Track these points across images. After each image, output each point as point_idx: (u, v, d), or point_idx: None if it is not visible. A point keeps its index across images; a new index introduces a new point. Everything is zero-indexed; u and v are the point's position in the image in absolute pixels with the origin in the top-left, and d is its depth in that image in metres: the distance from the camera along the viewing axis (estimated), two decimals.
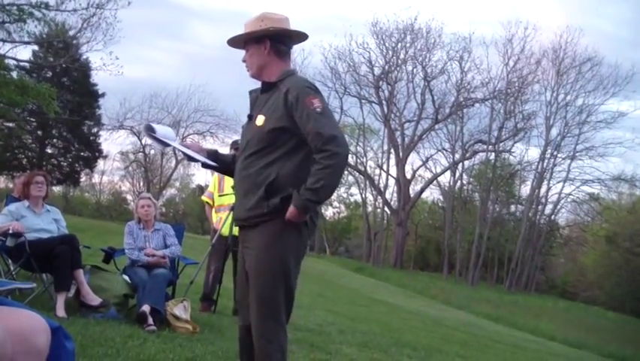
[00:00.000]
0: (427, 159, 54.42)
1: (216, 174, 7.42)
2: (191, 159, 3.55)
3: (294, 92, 3.19)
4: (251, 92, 3.53)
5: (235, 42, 3.47)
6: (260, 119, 3.28)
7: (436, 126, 51.48)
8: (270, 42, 3.34)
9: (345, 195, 70.02)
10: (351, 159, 55.58)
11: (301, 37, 3.54)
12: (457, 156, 51.33)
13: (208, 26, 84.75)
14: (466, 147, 51.51)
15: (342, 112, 53.70)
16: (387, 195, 54.51)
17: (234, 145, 7.29)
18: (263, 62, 3.37)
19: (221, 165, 3.63)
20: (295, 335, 6.52)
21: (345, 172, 62.64)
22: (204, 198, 7.91)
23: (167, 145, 3.61)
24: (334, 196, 68.29)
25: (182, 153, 3.60)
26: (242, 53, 3.47)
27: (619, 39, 74.39)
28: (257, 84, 3.51)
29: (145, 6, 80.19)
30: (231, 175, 3.54)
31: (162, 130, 3.66)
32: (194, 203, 62.57)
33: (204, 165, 3.58)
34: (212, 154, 3.62)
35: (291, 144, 3.22)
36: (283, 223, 3.15)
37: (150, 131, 3.54)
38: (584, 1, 77.50)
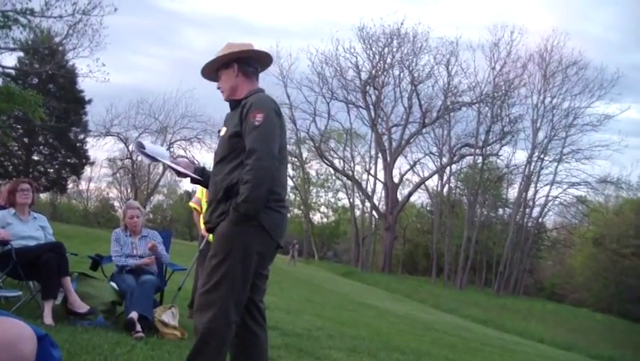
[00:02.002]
0: (415, 163, 54.70)
1: None
2: (180, 174, 3.80)
3: (249, 105, 3.45)
4: (226, 116, 3.80)
5: (208, 73, 3.79)
6: (223, 130, 3.63)
7: (424, 130, 51.67)
8: (237, 65, 3.66)
9: (333, 200, 70.14)
10: (338, 164, 55.81)
11: (266, 57, 3.83)
12: (444, 159, 51.56)
13: (199, 32, 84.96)
14: (453, 150, 51.70)
15: (329, 117, 53.97)
16: (375, 200, 54.68)
17: None
18: (234, 83, 3.67)
19: (207, 180, 3.78)
20: (284, 340, 6.51)
21: (333, 177, 63.24)
22: (192, 204, 7.89)
23: (157, 160, 3.90)
24: (322, 201, 68.44)
25: (172, 168, 3.84)
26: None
27: (608, 43, 75.03)
28: None
29: (135, 13, 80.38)
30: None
31: (153, 148, 3.94)
32: (182, 209, 62.50)
33: (193, 180, 3.83)
34: (200, 170, 3.85)
35: None
36: (238, 223, 3.34)
37: (140, 147, 3.80)
38: (573, 5, 78.23)
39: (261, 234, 3.38)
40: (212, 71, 3.75)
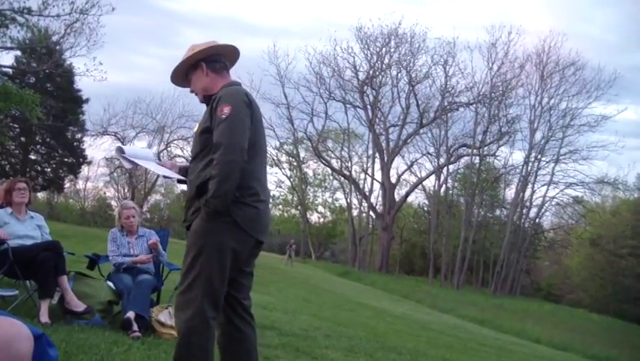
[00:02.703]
0: (412, 164, 54.69)
1: None
2: (166, 177, 3.78)
3: (217, 99, 3.43)
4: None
5: (178, 79, 3.78)
6: (195, 127, 3.62)
7: (421, 130, 51.71)
8: (205, 64, 3.63)
9: (330, 200, 70.06)
10: (335, 164, 55.82)
11: (232, 51, 3.80)
12: (441, 160, 51.58)
13: (198, 32, 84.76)
14: (450, 151, 51.74)
15: (326, 117, 53.95)
16: (373, 200, 54.73)
17: None
18: (205, 83, 3.64)
19: None
20: (281, 339, 6.51)
21: (331, 177, 63.24)
22: None
23: (136, 165, 3.80)
24: (319, 201, 68.44)
25: (156, 172, 3.79)
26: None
27: (606, 44, 75.15)
28: None
29: (134, 12, 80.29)
30: None
31: (136, 151, 3.90)
32: (179, 208, 62.28)
33: (179, 182, 3.77)
34: (184, 170, 3.76)
35: None
36: (209, 220, 3.31)
37: (120, 152, 3.75)
38: (571, 6, 78.27)
39: (235, 230, 3.34)
40: (182, 75, 3.73)
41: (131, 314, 5.40)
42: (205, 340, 3.29)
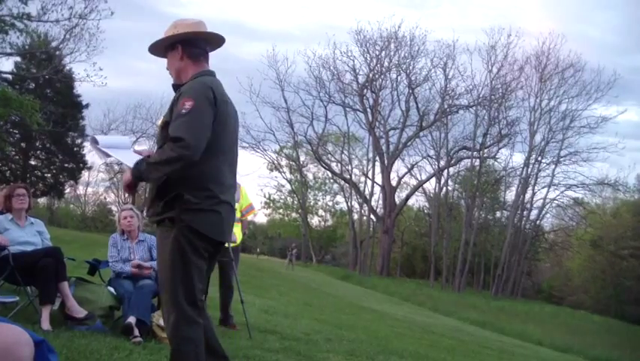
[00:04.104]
0: (412, 167, 54.74)
1: None
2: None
3: (181, 92, 3.32)
4: None
5: (157, 52, 3.62)
6: (159, 120, 3.50)
7: (421, 133, 51.76)
8: (181, 47, 3.50)
9: (330, 204, 70.10)
10: (336, 167, 55.86)
11: (216, 38, 3.66)
12: (442, 162, 51.60)
13: None
14: (450, 153, 51.76)
15: (326, 120, 54.05)
16: (373, 203, 54.76)
17: None
18: (178, 66, 3.52)
19: None
20: (282, 343, 6.51)
21: (331, 180, 63.28)
22: None
23: (110, 156, 3.65)
24: (320, 204, 68.48)
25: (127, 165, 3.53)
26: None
27: (607, 46, 75.19)
28: None
29: (136, 18, 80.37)
30: None
31: (112, 140, 3.81)
32: None
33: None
34: None
35: None
36: (170, 226, 3.28)
37: (94, 143, 3.61)
38: (571, 8, 78.40)
39: (197, 237, 3.28)
40: (162, 49, 3.60)
41: (132, 319, 5.39)
42: (195, 344, 3.28)
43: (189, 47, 3.52)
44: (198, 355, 3.27)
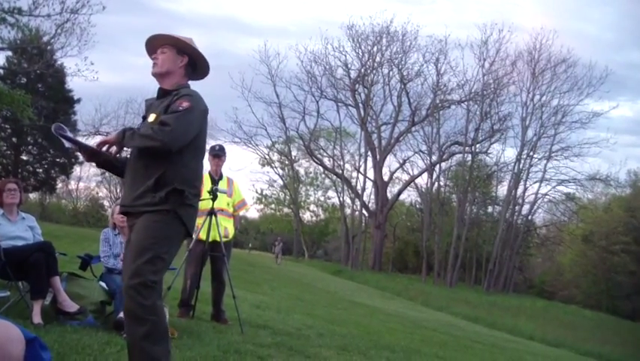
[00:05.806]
0: (404, 162, 54.79)
1: None
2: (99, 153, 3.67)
3: (181, 94, 3.58)
4: (147, 100, 3.92)
5: (157, 42, 3.78)
6: (152, 117, 3.59)
7: (413, 128, 51.78)
8: (188, 59, 3.78)
9: (322, 199, 70.10)
10: (328, 162, 55.85)
11: (205, 69, 3.92)
12: (434, 157, 51.63)
13: (196, 32, 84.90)
14: (442, 148, 51.83)
15: (318, 115, 53.96)
16: (365, 198, 54.73)
17: (212, 151, 7.35)
18: (173, 69, 3.74)
19: (119, 165, 3.79)
20: (274, 338, 6.51)
21: (323, 175, 63.29)
22: None
23: (77, 144, 3.81)
24: (312, 199, 68.50)
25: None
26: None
27: (602, 41, 75.38)
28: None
29: (130, 13, 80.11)
30: (121, 175, 3.79)
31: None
32: None
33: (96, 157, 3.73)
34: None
35: None
36: (165, 214, 3.47)
37: (59, 130, 3.70)
38: (567, 4, 78.45)
39: (180, 227, 3.53)
40: (159, 44, 3.76)
41: (123, 315, 5.38)
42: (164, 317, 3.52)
43: (192, 64, 3.81)
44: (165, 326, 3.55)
